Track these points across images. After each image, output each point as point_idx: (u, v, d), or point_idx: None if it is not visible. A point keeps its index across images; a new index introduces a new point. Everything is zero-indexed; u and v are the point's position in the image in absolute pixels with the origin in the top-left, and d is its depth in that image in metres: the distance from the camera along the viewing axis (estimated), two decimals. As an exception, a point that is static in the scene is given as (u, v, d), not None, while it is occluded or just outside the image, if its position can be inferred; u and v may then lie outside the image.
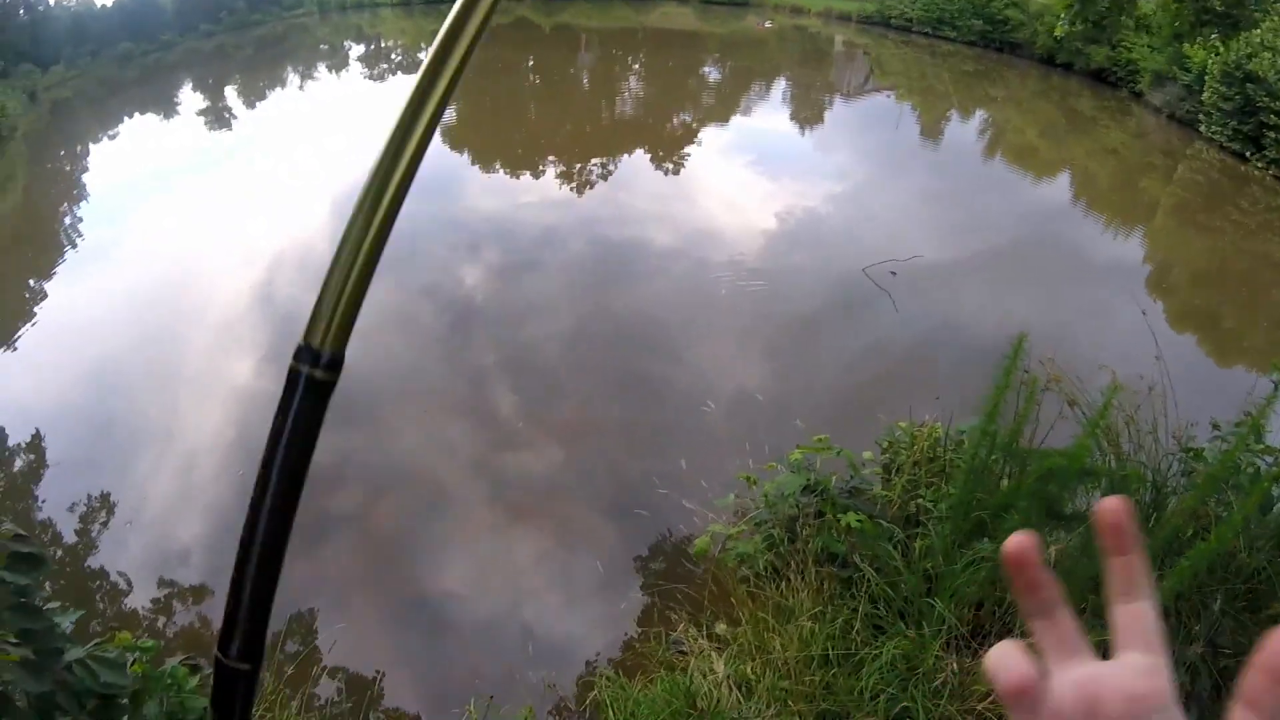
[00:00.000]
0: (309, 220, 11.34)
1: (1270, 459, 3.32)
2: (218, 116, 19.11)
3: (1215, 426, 3.58)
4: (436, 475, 6.19)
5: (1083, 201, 15.01)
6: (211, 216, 11.73)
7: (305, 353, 0.57)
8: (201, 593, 5.29)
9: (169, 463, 6.68)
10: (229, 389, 7.53)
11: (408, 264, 9.77)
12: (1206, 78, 22.15)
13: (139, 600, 5.30)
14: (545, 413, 6.80)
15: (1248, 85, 21.65)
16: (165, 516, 6.07)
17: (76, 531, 5.91)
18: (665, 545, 5.01)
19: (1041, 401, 3.41)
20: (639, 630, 4.30)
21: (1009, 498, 3.15)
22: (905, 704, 2.91)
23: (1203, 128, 21.92)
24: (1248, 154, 21.06)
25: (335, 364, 0.57)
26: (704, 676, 3.23)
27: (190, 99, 20.61)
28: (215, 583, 5.34)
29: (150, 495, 6.30)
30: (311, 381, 0.57)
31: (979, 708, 2.85)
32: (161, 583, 5.37)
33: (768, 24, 36.99)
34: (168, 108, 19.78)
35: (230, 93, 21.42)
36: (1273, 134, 20.70)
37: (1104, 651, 0.44)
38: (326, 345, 0.57)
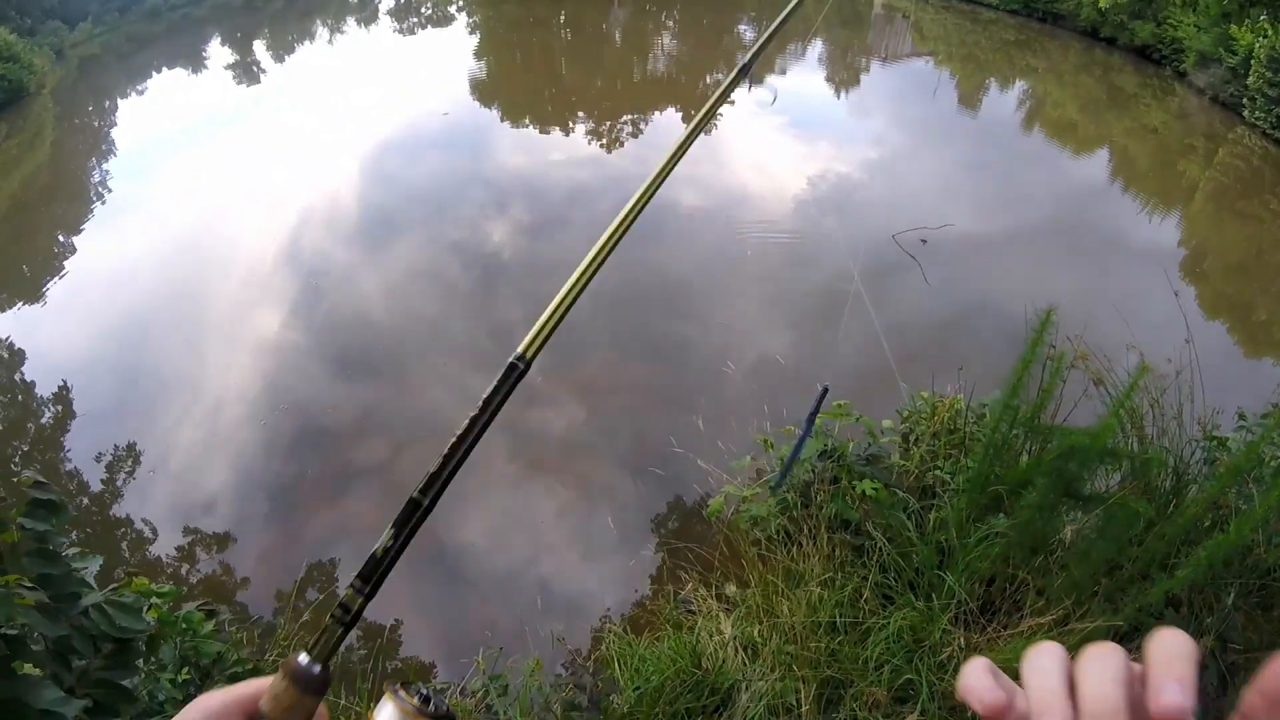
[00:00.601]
0: (336, 176, 11.35)
1: None
2: (246, 71, 19.04)
3: (1241, 417, 3.52)
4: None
5: (1120, 180, 14.66)
6: (239, 171, 11.78)
7: (521, 359, 0.77)
8: (225, 541, 5.41)
9: (195, 413, 6.80)
10: (255, 342, 7.62)
11: (435, 220, 9.78)
12: (1253, 61, 21.45)
13: (164, 548, 5.44)
14: (567, 370, 6.81)
15: None
16: (191, 466, 6.19)
17: (102, 481, 6.06)
18: (679, 505, 5.04)
19: (1066, 379, 3.36)
20: (649, 588, 4.34)
21: (1027, 474, 3.11)
22: (910, 676, 2.92)
23: (1246, 113, 21.22)
24: None
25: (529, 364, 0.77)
26: (710, 637, 3.25)
27: (219, 53, 20.50)
28: (238, 530, 5.45)
29: (176, 445, 6.44)
30: (520, 372, 0.77)
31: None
32: (186, 530, 5.50)
33: None
34: (196, 62, 19.74)
35: (259, 47, 21.33)
36: None
37: (1116, 637, 0.42)
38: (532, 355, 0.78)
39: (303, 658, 0.61)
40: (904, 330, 7.49)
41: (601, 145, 12.79)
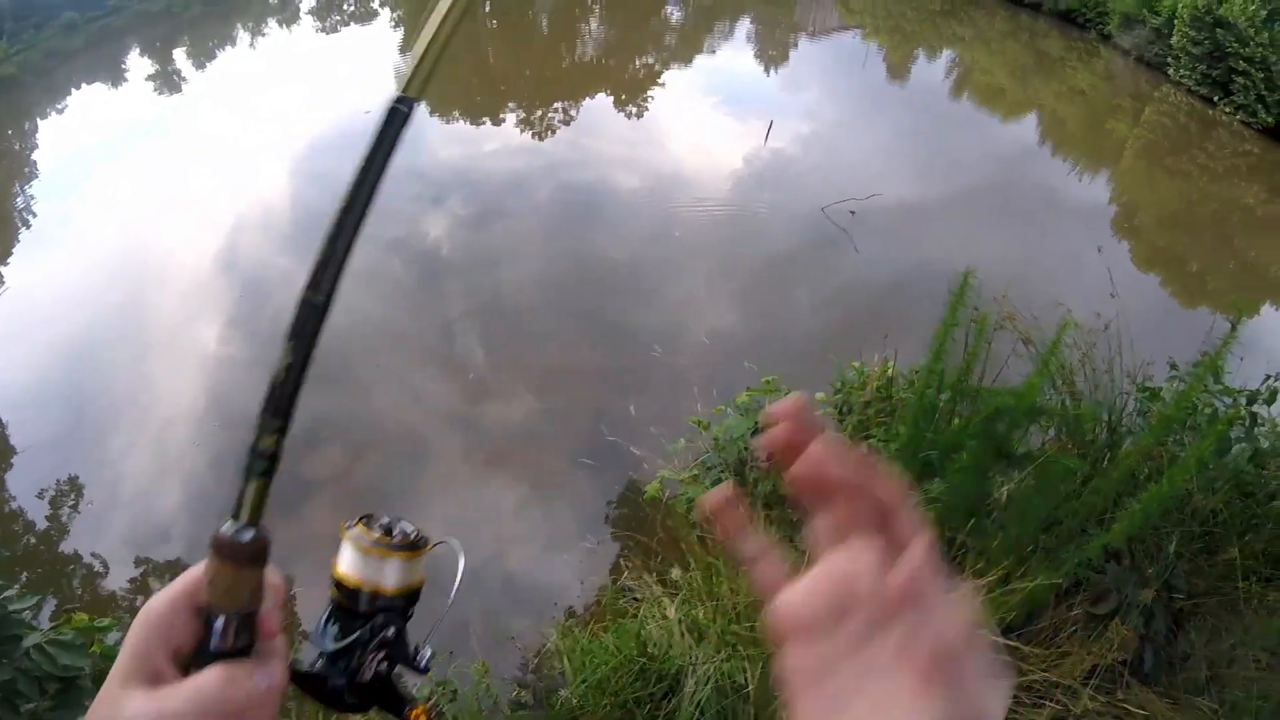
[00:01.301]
0: (267, 180, 11.03)
1: (1229, 400, 3.28)
2: (167, 80, 18.47)
3: (1173, 367, 3.54)
4: (391, 425, 6.11)
5: (1050, 142, 14.96)
6: (168, 183, 11.36)
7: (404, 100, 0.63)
8: (178, 569, 5.19)
9: (143, 437, 6.56)
10: (198, 356, 7.38)
11: (372, 218, 9.52)
12: (1176, 21, 22.17)
13: (117, 581, 5.29)
14: (500, 362, 6.71)
15: (1217, 30, 21.68)
16: (141, 493, 5.99)
17: (47, 517, 5.84)
18: (617, 493, 4.98)
19: (992, 340, 3.36)
20: (593, 579, 4.29)
21: (958, 437, 3.10)
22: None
23: (1171, 71, 21.94)
24: (1215, 99, 21.20)
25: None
26: (655, 622, 3.20)
27: (138, 64, 19.86)
28: (192, 557, 5.25)
29: (124, 472, 6.21)
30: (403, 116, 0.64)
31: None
32: (139, 560, 5.32)
33: None
34: (116, 75, 19.06)
35: (179, 55, 20.64)
36: (1241, 79, 20.87)
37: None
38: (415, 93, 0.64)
39: (227, 526, 0.54)
40: (837, 302, 7.53)
41: (534, 134, 12.63)
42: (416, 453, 5.94)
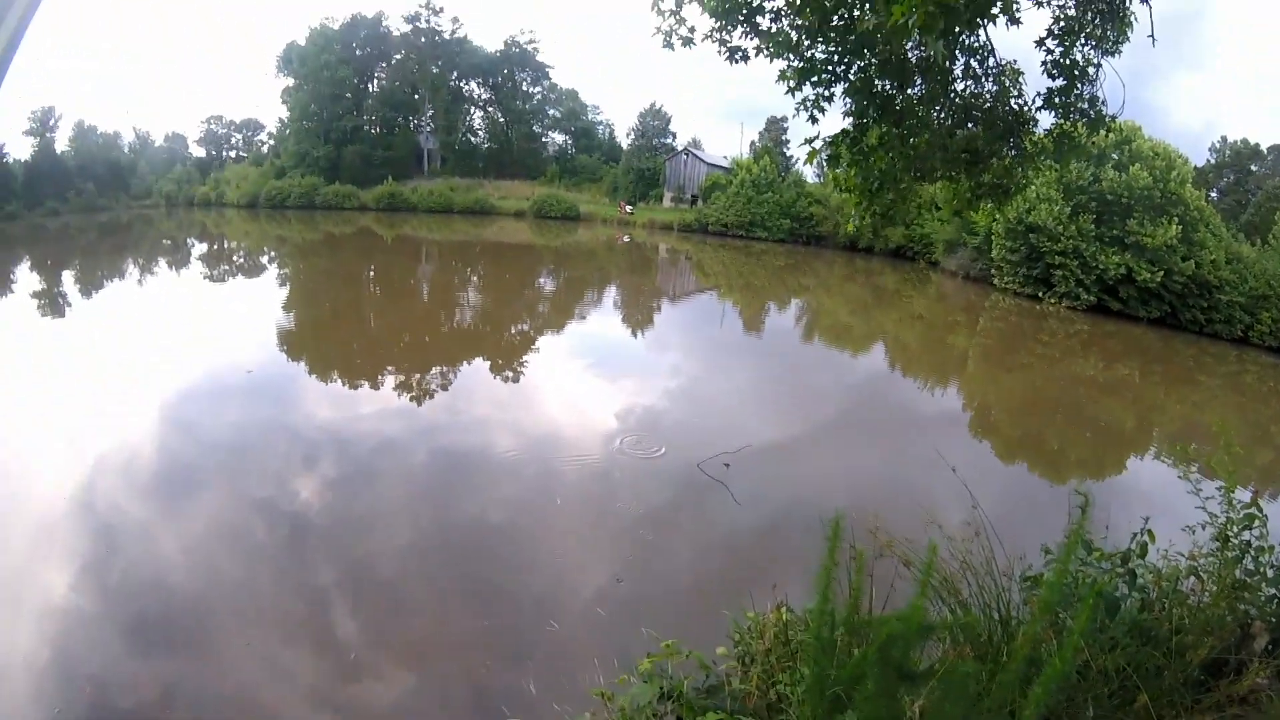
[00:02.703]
0: (133, 421, 10.57)
1: (1106, 565, 3.50)
2: (52, 302, 18.45)
3: (1046, 551, 3.74)
4: (260, 705, 5.48)
5: (898, 366, 16.34)
6: (31, 412, 10.72)
7: None
8: None
9: None
10: (42, 607, 6.53)
11: (239, 476, 9.15)
12: (993, 237, 25.81)
13: None
14: (378, 636, 6.26)
15: (1030, 235, 25.63)
16: None
17: None
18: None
19: (874, 570, 3.50)
20: None
21: (859, 668, 3.14)
22: None
23: (996, 281, 25.16)
24: (1040, 294, 24.54)
25: None
26: None
27: (27, 279, 19.69)
28: None
29: None
30: None
31: None
32: None
33: (625, 239, 39.82)
34: (2, 286, 18.88)
35: (68, 277, 20.52)
36: (1060, 271, 24.43)
37: None
38: None
39: None
40: (723, 552, 7.62)
41: (411, 397, 12.77)
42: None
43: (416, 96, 65.71)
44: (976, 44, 5.74)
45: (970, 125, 5.95)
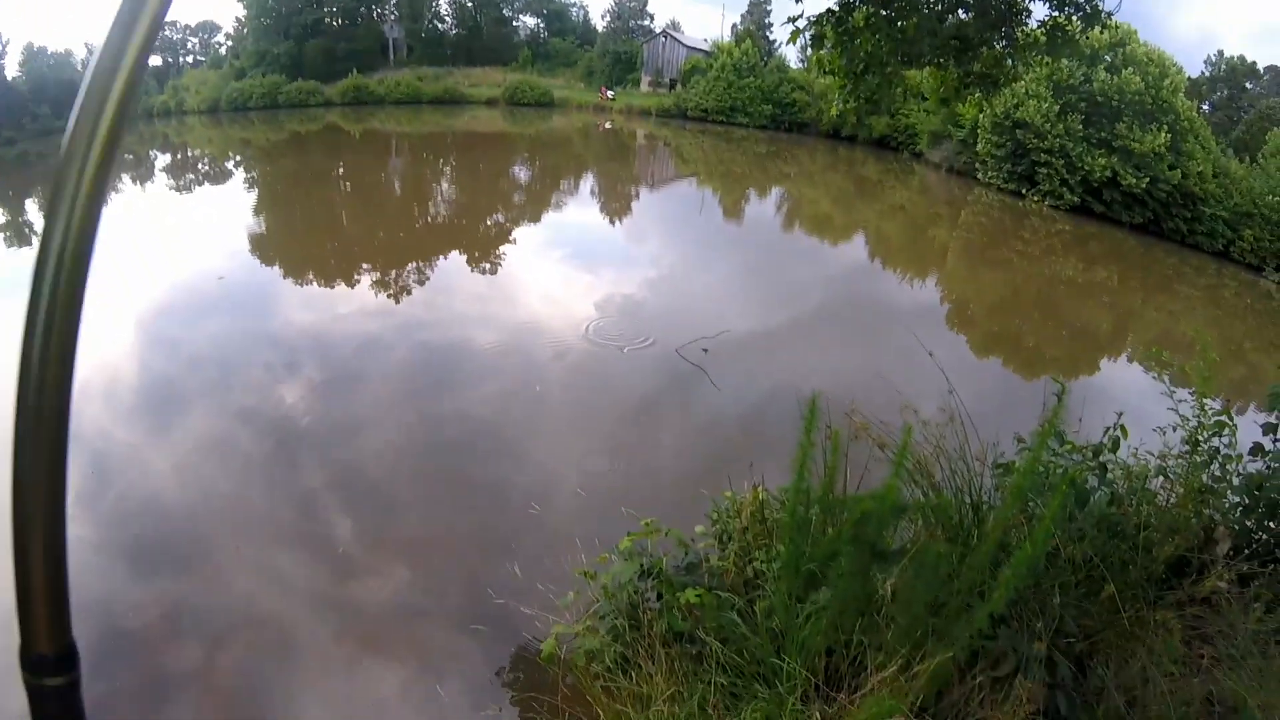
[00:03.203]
0: (112, 346, 10.43)
1: (1078, 457, 3.61)
2: (17, 232, 18.06)
3: (1019, 440, 3.86)
4: (257, 609, 5.68)
5: (878, 258, 16.32)
6: (4, 346, 10.55)
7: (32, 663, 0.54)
8: None
9: None
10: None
11: (221, 388, 9.14)
12: (979, 131, 25.43)
13: None
14: (369, 534, 6.42)
15: (1017, 131, 25.31)
16: None
17: None
18: (514, 656, 4.80)
19: (849, 451, 3.60)
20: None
21: (833, 546, 3.26)
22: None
23: (980, 175, 24.86)
24: (1024, 191, 24.44)
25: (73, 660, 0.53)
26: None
27: None
28: None
29: None
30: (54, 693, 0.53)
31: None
32: None
33: (607, 125, 38.70)
34: None
35: (31, 206, 20.08)
36: (1044, 170, 24.29)
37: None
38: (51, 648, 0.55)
39: None
40: (702, 436, 7.76)
41: (389, 295, 12.66)
42: (284, 641, 5.51)
43: (380, -17, 62.27)
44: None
45: (961, 11, 5.74)
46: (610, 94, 52.11)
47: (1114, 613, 3.21)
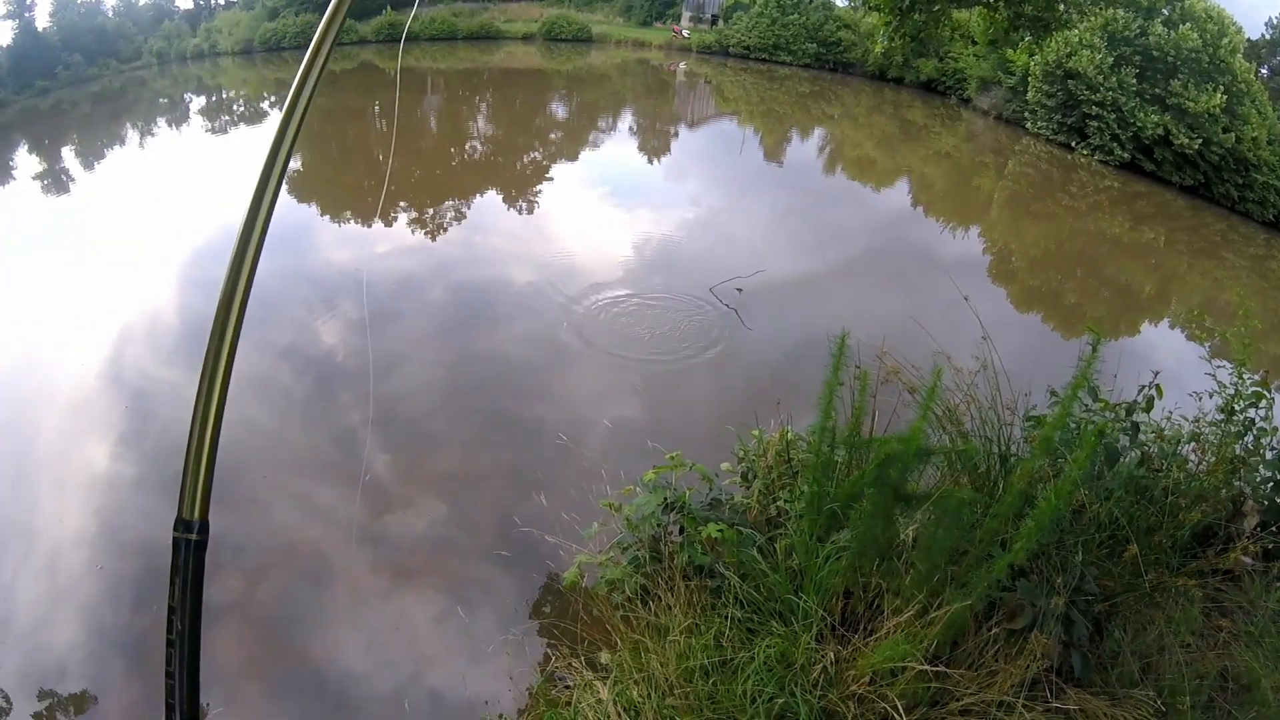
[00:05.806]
0: (153, 288, 10.67)
1: (1110, 414, 3.55)
2: (56, 180, 18.09)
3: (1052, 394, 3.79)
4: (292, 544, 5.89)
5: (921, 205, 15.95)
6: (53, 291, 10.87)
7: (181, 524, 0.70)
8: (84, 702, 4.87)
9: (32, 565, 6.08)
10: (86, 477, 6.93)
11: (261, 324, 9.33)
12: (1029, 79, 24.46)
13: (19, 718, 4.82)
14: (403, 468, 6.59)
15: (1069, 81, 24.33)
16: (37, 626, 5.51)
17: None
18: (539, 584, 4.93)
19: (878, 393, 3.58)
20: (520, 670, 4.21)
21: (857, 487, 3.27)
22: (784, 700, 2.95)
23: (1029, 125, 23.92)
24: (1073, 144, 23.56)
25: (205, 529, 0.68)
26: (590, 707, 3.18)
27: (26, 162, 19.37)
28: (98, 688, 4.94)
29: (17, 604, 5.70)
30: (190, 544, 0.70)
31: (858, 690, 2.92)
32: (42, 694, 4.91)
33: (681, 66, 37.86)
34: (2, 173, 18.52)
35: (68, 153, 20.23)
36: (1095, 123, 23.37)
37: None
38: (196, 515, 0.71)
39: None
40: (732, 376, 7.76)
41: (426, 233, 12.71)
42: (321, 571, 5.72)
43: (415, -87, 60.87)
44: None
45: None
46: (685, 32, 50.45)
47: (1135, 575, 3.18)
